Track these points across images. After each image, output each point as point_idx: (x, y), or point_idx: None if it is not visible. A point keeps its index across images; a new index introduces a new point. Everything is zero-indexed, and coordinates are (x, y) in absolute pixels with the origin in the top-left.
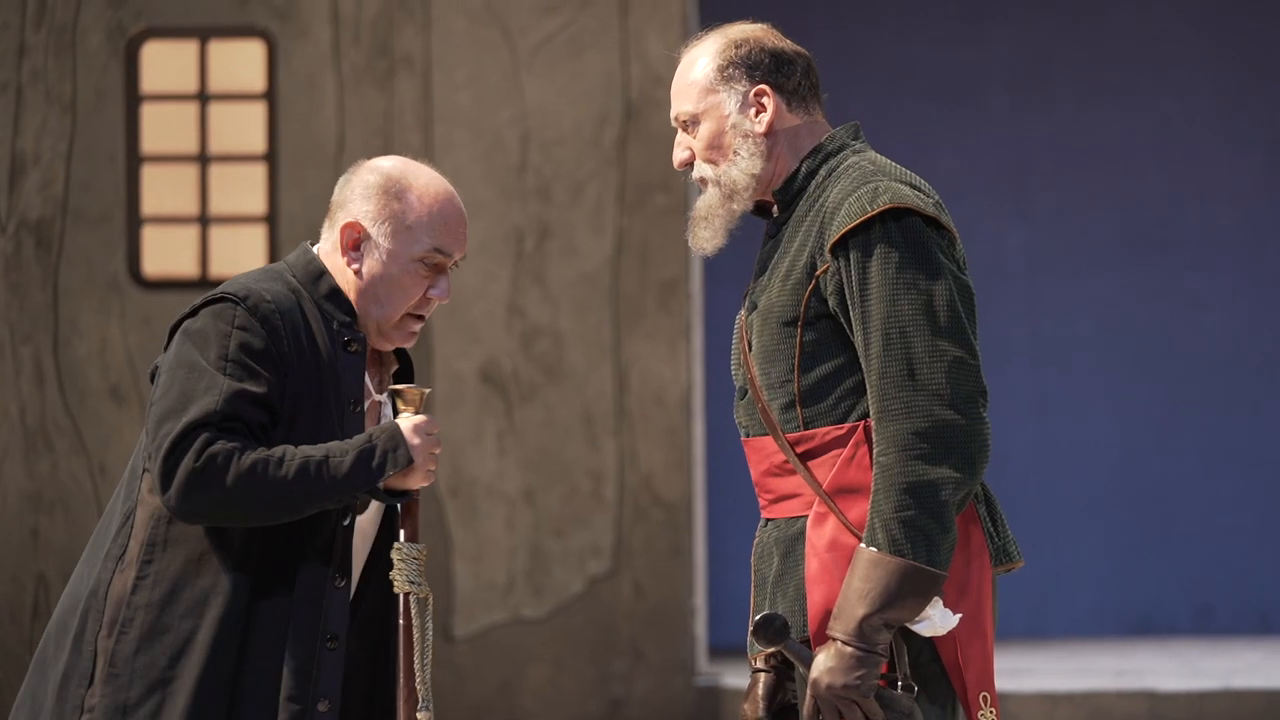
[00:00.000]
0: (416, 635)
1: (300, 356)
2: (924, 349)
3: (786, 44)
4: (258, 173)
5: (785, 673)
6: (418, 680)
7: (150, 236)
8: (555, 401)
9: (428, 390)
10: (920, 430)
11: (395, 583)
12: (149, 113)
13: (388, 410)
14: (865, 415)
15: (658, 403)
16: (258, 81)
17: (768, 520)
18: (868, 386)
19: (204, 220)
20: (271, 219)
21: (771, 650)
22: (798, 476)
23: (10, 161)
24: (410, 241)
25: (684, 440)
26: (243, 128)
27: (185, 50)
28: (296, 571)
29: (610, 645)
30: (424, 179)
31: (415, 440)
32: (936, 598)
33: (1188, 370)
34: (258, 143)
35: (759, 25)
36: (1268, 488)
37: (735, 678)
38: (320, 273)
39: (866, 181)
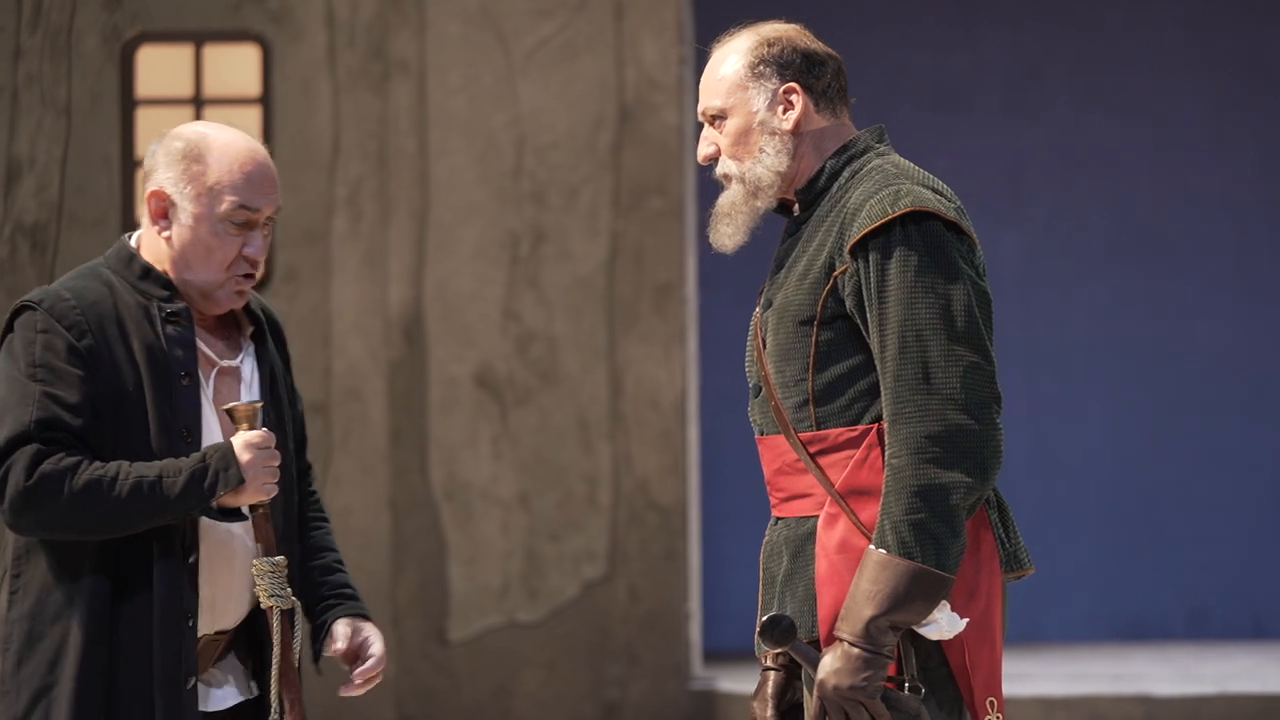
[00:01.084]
0: (279, 648)
1: (110, 347)
2: (940, 353)
3: (818, 45)
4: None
5: (795, 671)
6: (276, 692)
7: None
8: (550, 406)
9: (259, 403)
10: (933, 434)
11: (259, 598)
12: (144, 116)
13: (247, 374)
14: (879, 418)
15: (652, 407)
16: (253, 86)
17: (778, 519)
18: (882, 389)
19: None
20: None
21: (775, 650)
22: (810, 476)
23: (5, 165)
24: (213, 201)
25: (679, 444)
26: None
27: (180, 54)
28: (151, 557)
29: (605, 649)
30: (224, 138)
31: (246, 457)
32: (944, 601)
33: (1181, 375)
34: None
35: (791, 25)
36: (1261, 492)
37: (730, 682)
38: (130, 256)
39: (889, 184)
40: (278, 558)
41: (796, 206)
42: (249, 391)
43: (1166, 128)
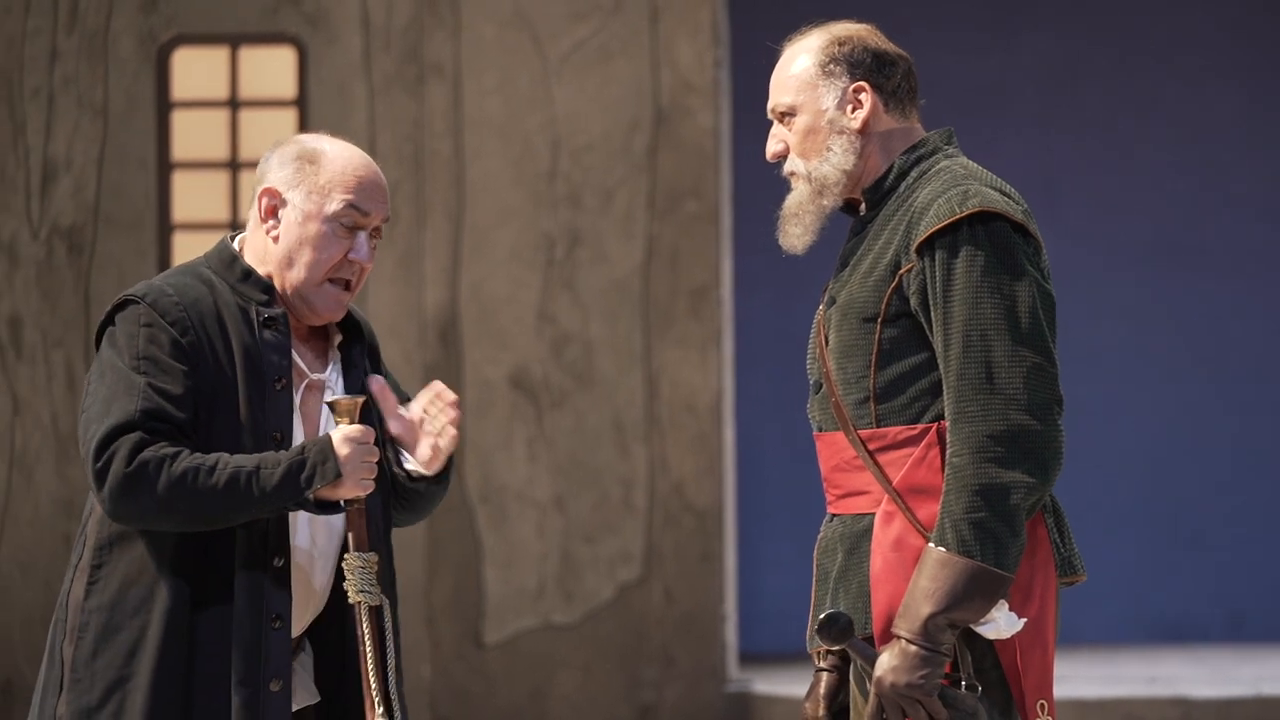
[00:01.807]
0: (370, 644)
1: (211, 345)
2: (1004, 353)
3: (890, 45)
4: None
5: (846, 672)
6: (375, 689)
7: (181, 242)
8: (585, 408)
9: (362, 399)
10: (995, 433)
11: (348, 593)
12: (180, 119)
13: (334, 390)
14: (939, 417)
15: (688, 409)
16: (288, 88)
17: (833, 515)
18: (945, 387)
19: (235, 227)
20: None
21: (833, 648)
22: (867, 473)
23: (42, 167)
24: (324, 200)
25: (714, 447)
26: (273, 134)
27: (216, 57)
28: (237, 556)
29: (640, 652)
30: (339, 146)
31: (344, 451)
32: (1002, 600)
33: (1216, 377)
34: None
35: (863, 25)
36: None
37: (766, 684)
38: (233, 257)
39: (957, 184)
40: (369, 554)
41: (863, 205)
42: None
43: (1201, 131)
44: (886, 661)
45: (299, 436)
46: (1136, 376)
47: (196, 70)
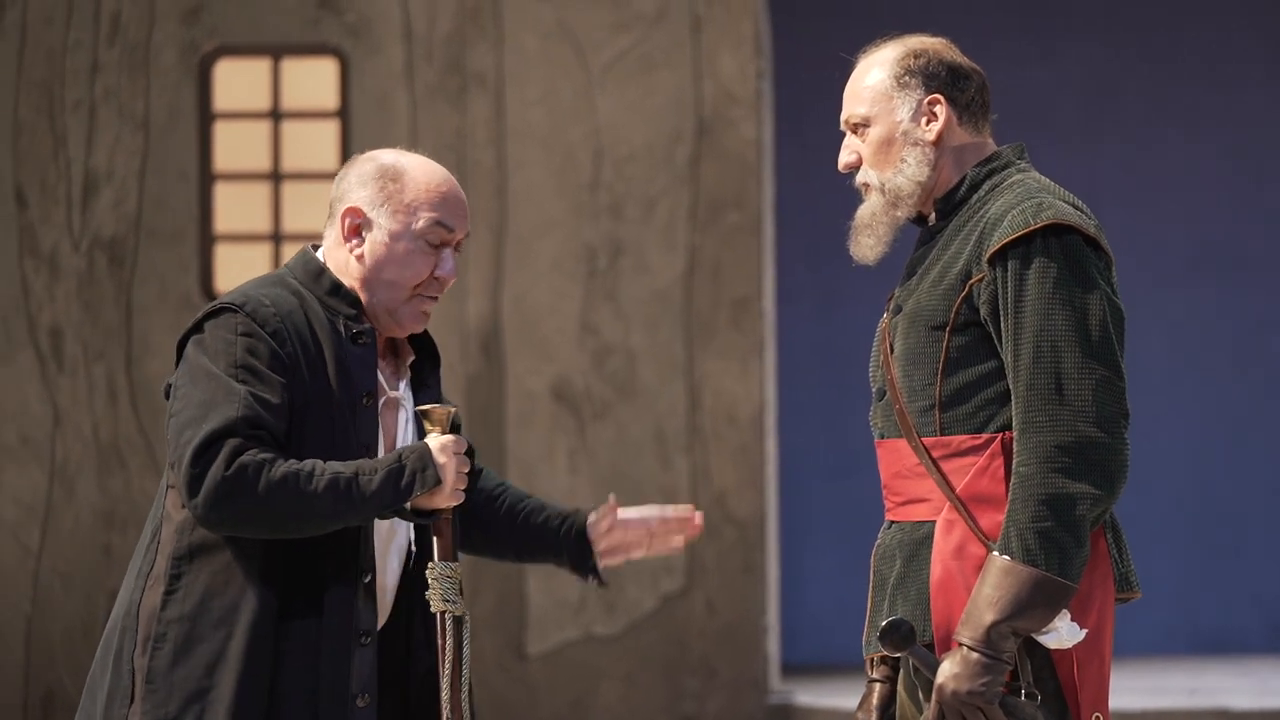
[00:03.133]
0: (450, 654)
1: (306, 356)
2: (1073, 365)
3: (964, 60)
4: (330, 191)
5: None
6: (448, 700)
7: (223, 254)
8: (627, 419)
9: (454, 409)
10: (1063, 444)
11: (431, 602)
12: (222, 130)
13: (406, 408)
14: (1003, 427)
15: (730, 421)
16: (330, 99)
17: (892, 523)
18: (1013, 397)
19: (277, 238)
20: None
21: (894, 655)
22: (929, 481)
23: (84, 179)
24: (410, 218)
25: (757, 458)
26: (315, 145)
27: (258, 68)
28: (323, 571)
29: (683, 663)
30: (418, 161)
31: (443, 459)
32: (1065, 610)
33: (1259, 389)
34: (330, 161)
35: (939, 39)
36: None
37: (808, 695)
38: (320, 270)
39: (1031, 197)
40: (454, 563)
41: (933, 216)
42: (402, 422)
43: (1244, 141)
44: (948, 669)
45: (380, 452)
46: (1179, 387)
47: (238, 82)
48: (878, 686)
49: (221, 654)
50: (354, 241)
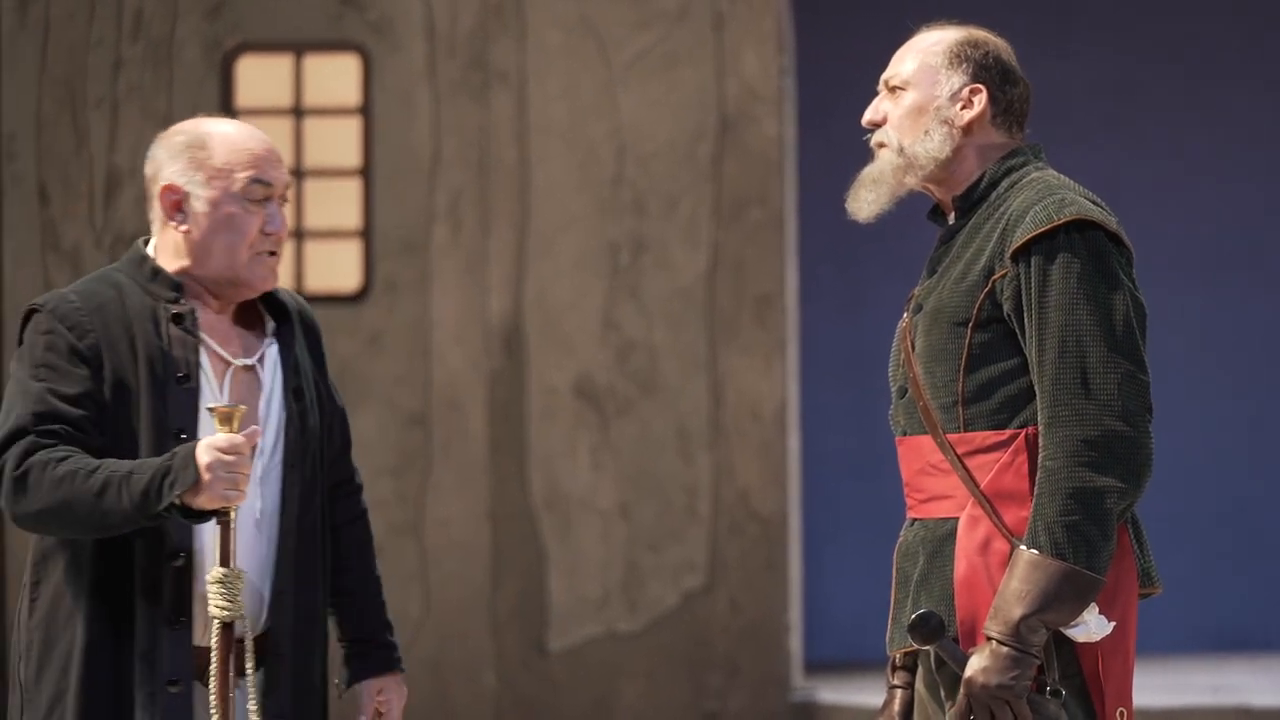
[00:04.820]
0: (217, 660)
1: (114, 346)
2: (1098, 360)
3: (1017, 66)
4: (352, 187)
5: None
6: (216, 708)
7: None
8: (650, 416)
9: (242, 407)
10: (1089, 438)
11: (210, 608)
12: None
13: (264, 376)
14: (1026, 423)
15: (753, 417)
16: (353, 96)
17: (914, 520)
18: (1038, 392)
19: (299, 234)
20: (366, 233)
21: (922, 648)
22: (953, 477)
23: (106, 176)
24: (227, 181)
25: (779, 455)
26: (338, 142)
27: (280, 65)
28: (143, 559)
29: (705, 660)
30: (221, 124)
31: (206, 459)
32: (1093, 604)
33: (1279, 386)
34: (353, 157)
35: (1002, 39)
36: None
37: (830, 693)
38: (142, 258)
39: (1053, 193)
40: (228, 569)
41: (952, 214)
42: (265, 388)
43: (1264, 141)
44: (977, 662)
45: (211, 429)
46: (1198, 385)
47: (261, 78)
48: (899, 693)
49: (70, 653)
50: (177, 217)
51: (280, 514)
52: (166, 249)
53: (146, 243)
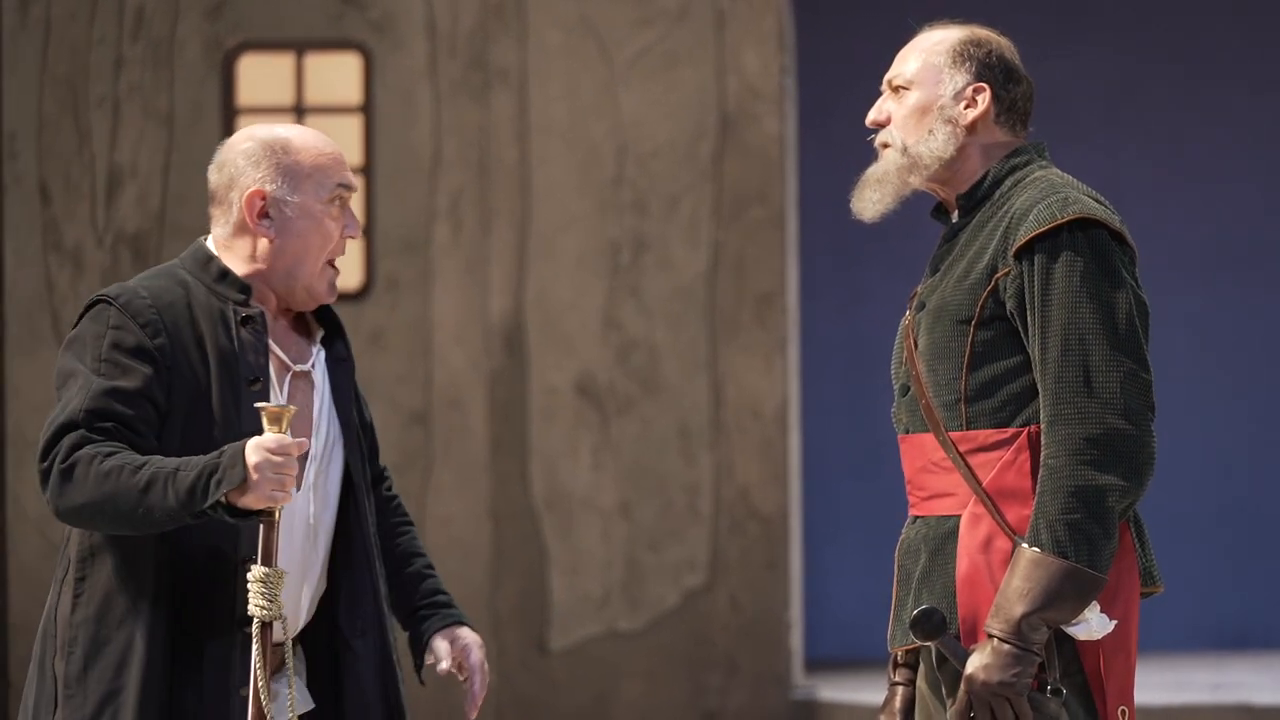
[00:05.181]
0: (259, 659)
1: (184, 347)
2: (1101, 358)
3: (1020, 65)
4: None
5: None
6: (252, 706)
7: None
8: (651, 415)
9: (292, 408)
10: (1092, 436)
11: (248, 606)
12: (246, 126)
13: (319, 381)
14: (1028, 421)
15: (754, 416)
16: (354, 94)
17: (916, 518)
18: (1041, 390)
19: None
20: (368, 232)
21: (924, 644)
22: (955, 475)
23: (107, 174)
24: (317, 186)
25: (780, 454)
26: (339, 140)
27: (282, 63)
28: (204, 559)
29: (706, 658)
30: (295, 129)
31: (255, 458)
32: (1094, 602)
33: (1279, 385)
34: (354, 156)
35: (1005, 38)
36: None
37: (831, 691)
38: (208, 258)
39: (1056, 191)
40: (269, 569)
41: (956, 213)
42: (319, 395)
43: (1266, 139)
44: (978, 660)
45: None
46: (1202, 384)
47: (262, 77)
48: (900, 690)
49: (127, 653)
50: (264, 224)
51: (335, 518)
52: (238, 252)
53: (206, 240)
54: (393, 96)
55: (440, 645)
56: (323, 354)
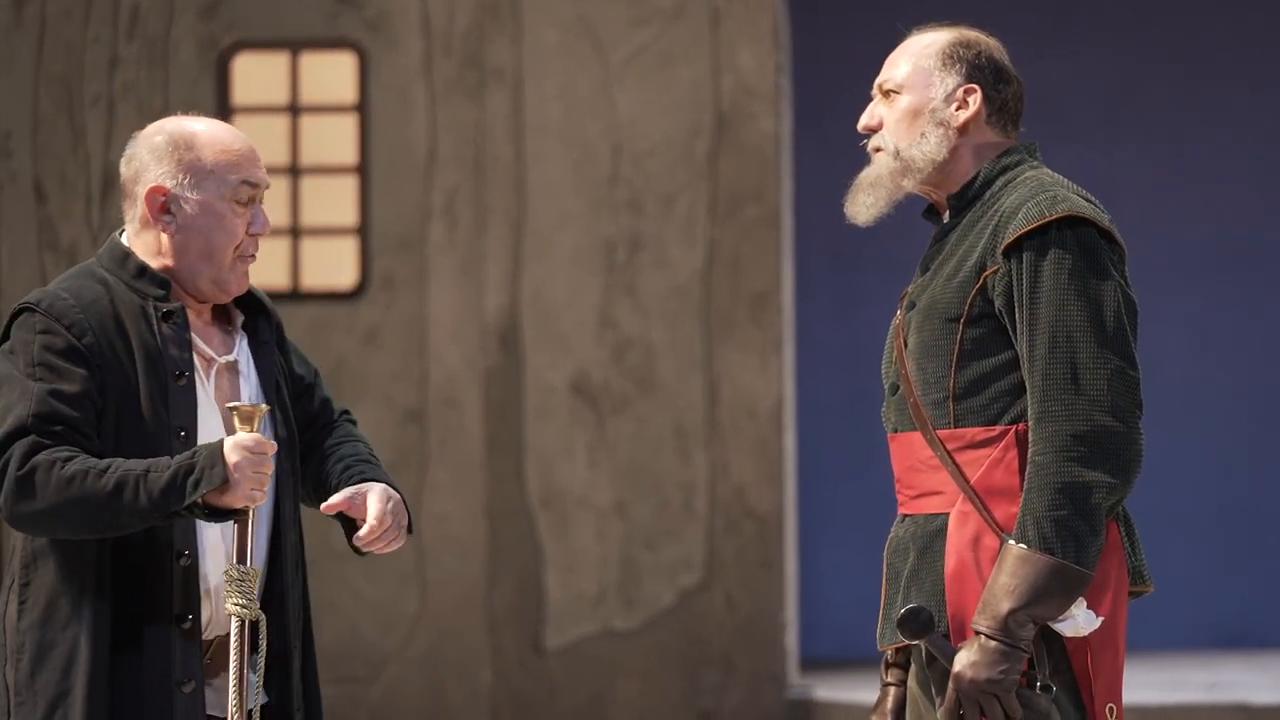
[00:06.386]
0: (236, 658)
1: (110, 345)
2: (1088, 355)
3: (1010, 65)
4: (349, 184)
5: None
6: (235, 704)
7: None
8: (646, 414)
9: (265, 407)
10: (1079, 433)
11: (226, 605)
12: (240, 125)
13: (245, 371)
14: (1016, 419)
15: (749, 415)
16: (349, 93)
17: (905, 516)
18: (1028, 387)
19: (295, 232)
20: (363, 230)
21: (912, 643)
22: (943, 473)
23: (102, 173)
24: (218, 183)
25: (775, 452)
26: (334, 139)
27: (276, 62)
28: (145, 559)
29: (701, 658)
30: (204, 124)
31: (234, 458)
32: (1081, 598)
33: (1278, 384)
34: (349, 154)
35: (993, 39)
36: None
37: (827, 690)
38: (125, 255)
39: (1045, 190)
40: (247, 566)
41: (947, 213)
42: (248, 384)
43: (1265, 141)
44: (966, 657)
45: (212, 425)
46: (1200, 382)
47: (257, 76)
48: (892, 690)
49: (73, 655)
50: (164, 219)
51: (276, 507)
52: (147, 248)
53: (121, 235)
54: (388, 95)
55: (336, 497)
56: (245, 340)
